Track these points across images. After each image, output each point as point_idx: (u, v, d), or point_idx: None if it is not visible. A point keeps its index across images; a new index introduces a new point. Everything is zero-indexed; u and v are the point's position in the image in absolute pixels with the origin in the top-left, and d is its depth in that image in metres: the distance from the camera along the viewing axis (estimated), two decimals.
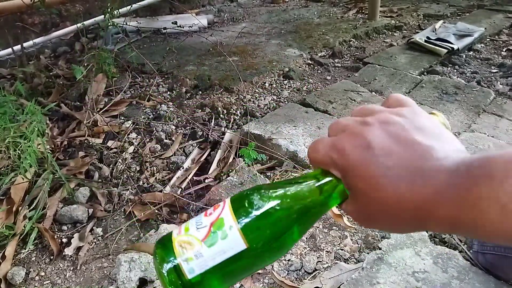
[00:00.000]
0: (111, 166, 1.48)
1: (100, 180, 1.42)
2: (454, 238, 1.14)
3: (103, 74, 1.94)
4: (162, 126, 1.71)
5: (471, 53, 2.47)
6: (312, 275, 1.06)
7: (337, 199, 0.38)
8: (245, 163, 1.47)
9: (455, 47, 2.38)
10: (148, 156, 1.54)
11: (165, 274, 0.35)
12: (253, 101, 1.96)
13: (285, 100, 1.97)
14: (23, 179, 1.29)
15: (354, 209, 0.37)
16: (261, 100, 1.97)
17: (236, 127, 1.75)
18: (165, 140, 1.64)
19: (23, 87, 1.74)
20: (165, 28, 2.81)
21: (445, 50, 2.35)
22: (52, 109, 1.73)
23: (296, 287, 1.02)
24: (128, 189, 1.37)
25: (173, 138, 1.65)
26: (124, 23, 2.29)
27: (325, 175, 0.38)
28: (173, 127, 1.71)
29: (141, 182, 1.42)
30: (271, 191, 0.38)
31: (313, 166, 0.39)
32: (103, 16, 2.09)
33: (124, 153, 1.53)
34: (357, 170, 0.34)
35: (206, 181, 1.44)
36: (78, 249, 1.18)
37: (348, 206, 0.38)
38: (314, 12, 3.34)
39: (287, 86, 2.12)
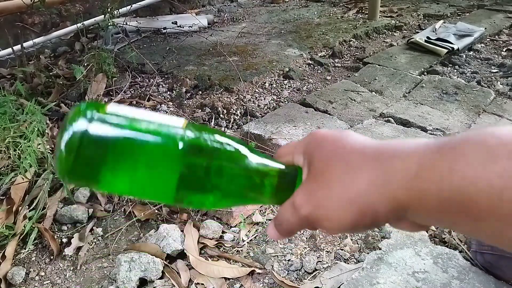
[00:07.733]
0: None
1: None
2: (454, 238, 1.14)
3: (103, 74, 1.94)
4: None
5: (471, 53, 2.47)
6: (312, 275, 1.07)
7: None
8: None
9: (455, 47, 2.38)
10: None
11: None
12: (253, 101, 1.96)
13: (285, 100, 1.97)
14: (23, 179, 1.29)
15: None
16: (261, 100, 1.97)
17: (236, 127, 1.75)
18: None
19: (23, 87, 1.74)
20: (165, 28, 2.81)
21: (445, 50, 2.35)
22: (52, 109, 1.72)
23: (296, 287, 1.02)
24: None
25: None
26: (124, 23, 2.29)
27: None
28: None
29: None
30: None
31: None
32: (103, 16, 2.09)
33: None
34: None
35: None
36: (78, 249, 1.18)
37: None
38: (314, 12, 3.34)
39: (287, 86, 2.12)
